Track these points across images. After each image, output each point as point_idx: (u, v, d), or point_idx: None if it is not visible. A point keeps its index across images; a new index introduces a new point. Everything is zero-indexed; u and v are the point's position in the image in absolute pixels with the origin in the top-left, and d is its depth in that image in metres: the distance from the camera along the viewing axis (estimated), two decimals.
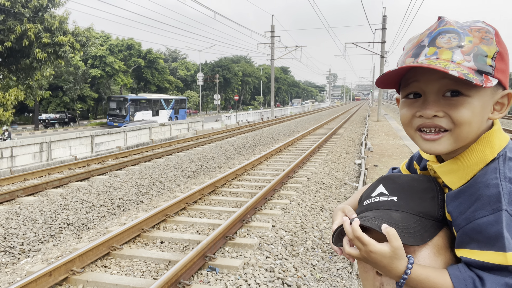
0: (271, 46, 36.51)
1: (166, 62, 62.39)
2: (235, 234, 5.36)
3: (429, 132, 0.81)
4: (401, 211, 0.84)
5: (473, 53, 0.76)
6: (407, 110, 0.84)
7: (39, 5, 17.13)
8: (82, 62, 39.34)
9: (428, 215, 0.84)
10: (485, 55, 0.76)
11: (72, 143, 15.85)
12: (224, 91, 66.80)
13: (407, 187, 0.88)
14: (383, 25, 32.18)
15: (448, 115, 0.78)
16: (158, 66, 50.19)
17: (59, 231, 6.01)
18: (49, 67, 18.50)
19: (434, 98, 0.79)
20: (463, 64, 0.76)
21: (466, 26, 0.80)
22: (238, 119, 33.81)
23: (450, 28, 0.79)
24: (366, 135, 18.05)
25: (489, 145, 0.79)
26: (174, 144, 16.44)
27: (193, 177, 10.03)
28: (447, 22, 0.81)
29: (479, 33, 0.78)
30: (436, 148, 0.81)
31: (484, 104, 0.78)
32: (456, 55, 0.77)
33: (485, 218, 0.71)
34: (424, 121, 0.80)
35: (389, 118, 34.32)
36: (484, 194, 0.73)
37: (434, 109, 0.79)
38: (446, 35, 0.79)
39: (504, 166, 0.76)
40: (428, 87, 0.79)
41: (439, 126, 0.79)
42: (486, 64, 0.76)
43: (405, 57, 0.85)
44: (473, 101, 0.77)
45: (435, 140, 0.80)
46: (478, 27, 0.79)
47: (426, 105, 0.80)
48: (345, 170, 10.19)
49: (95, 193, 7.87)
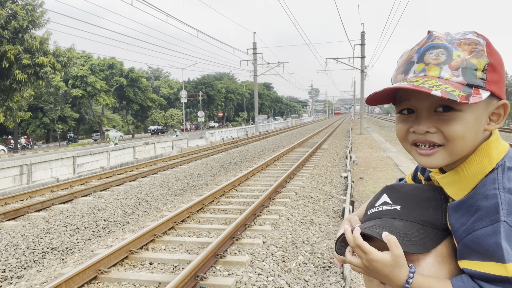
0: (253, 63, 36.92)
1: (148, 81, 62.21)
2: (226, 252, 5.29)
3: (423, 147, 0.81)
4: (404, 219, 0.84)
5: (462, 67, 0.76)
6: (401, 125, 0.84)
7: (19, 27, 16.96)
8: (63, 82, 38.88)
9: (431, 224, 0.84)
10: (474, 68, 0.76)
11: (53, 165, 15.47)
12: (208, 108, 66.87)
13: (410, 196, 0.88)
14: (362, 40, 33.03)
15: (440, 131, 0.78)
16: (140, 85, 50.02)
17: (43, 256, 5.80)
18: (29, 88, 18.20)
19: (426, 114, 0.79)
20: (451, 80, 0.76)
21: (455, 40, 0.79)
22: (223, 136, 33.78)
23: (439, 43, 0.79)
24: (350, 148, 18.26)
25: (487, 156, 0.79)
26: (159, 162, 16.25)
27: (180, 195, 9.90)
28: (436, 36, 0.81)
29: (469, 46, 0.77)
30: (431, 163, 0.81)
31: (478, 117, 0.77)
32: (444, 71, 0.77)
33: (483, 230, 0.71)
34: (417, 137, 0.81)
35: (372, 131, 34.88)
36: (483, 205, 0.73)
37: (426, 125, 0.79)
38: (434, 51, 0.79)
39: (503, 176, 0.75)
40: (419, 104, 0.80)
41: (432, 142, 0.79)
42: (476, 78, 0.76)
43: (396, 73, 0.86)
44: (465, 115, 0.76)
45: (429, 155, 0.80)
46: (468, 40, 0.78)
47: (418, 121, 0.80)
48: (332, 184, 10.24)
49: (79, 215, 7.67)
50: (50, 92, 36.81)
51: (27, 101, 22.60)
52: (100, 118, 46.09)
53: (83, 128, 50.03)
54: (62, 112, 40.02)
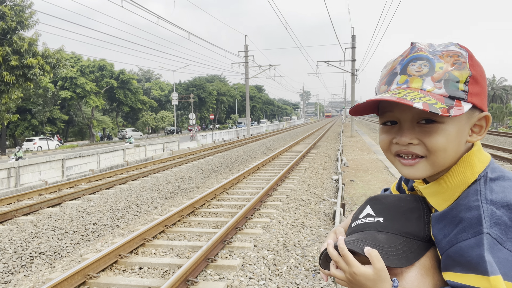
0: (245, 65, 36.96)
1: (139, 83, 61.85)
2: (216, 255, 5.26)
3: (406, 158, 0.81)
4: (387, 232, 0.84)
5: (444, 79, 0.76)
6: (385, 136, 0.85)
7: (7, 28, 16.73)
8: (52, 84, 38.44)
9: (414, 235, 0.83)
10: (456, 80, 0.76)
11: (41, 168, 15.26)
12: (199, 110, 66.68)
13: (393, 207, 0.88)
14: (353, 44, 33.30)
15: (423, 143, 0.78)
16: (131, 87, 49.68)
17: (30, 261, 5.70)
18: (17, 90, 17.95)
19: (408, 126, 0.79)
20: (433, 92, 0.76)
21: (438, 51, 0.79)
22: (214, 138, 33.70)
23: (421, 55, 0.79)
24: (341, 150, 18.35)
25: (469, 167, 0.79)
26: (150, 165, 16.13)
27: (171, 198, 9.83)
28: (418, 48, 0.81)
29: (451, 58, 0.77)
30: (414, 174, 0.81)
31: (460, 129, 0.78)
32: (426, 83, 0.77)
33: (467, 241, 0.71)
34: (400, 148, 0.81)
35: (362, 133, 35.13)
36: (466, 217, 0.73)
37: (408, 136, 0.79)
38: (417, 62, 0.79)
39: (485, 187, 0.75)
40: (402, 116, 0.80)
41: (415, 153, 0.79)
42: (458, 90, 0.76)
43: (380, 83, 0.85)
44: (448, 128, 0.77)
45: (412, 166, 0.80)
46: (450, 51, 0.78)
47: (401, 132, 0.80)
48: (323, 186, 10.27)
49: (67, 219, 7.56)
50: (39, 93, 36.35)
51: (15, 102, 22.29)
52: (89, 120, 45.63)
53: (72, 130, 49.46)
54: (51, 114, 39.56)
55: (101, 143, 42.23)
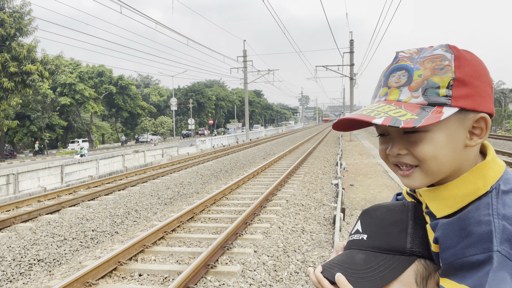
0: (244, 70, 37.06)
1: (138, 88, 61.91)
2: (216, 262, 5.23)
3: (402, 168, 0.80)
4: (367, 250, 0.83)
5: (422, 87, 0.74)
6: (381, 147, 0.84)
7: (6, 34, 16.77)
8: (51, 90, 38.47)
9: (395, 250, 0.81)
10: (437, 86, 0.73)
11: (40, 174, 15.22)
12: (198, 115, 66.73)
13: (379, 221, 0.86)
14: (351, 48, 33.43)
15: (411, 152, 0.77)
16: (130, 92, 49.74)
17: (29, 268, 5.67)
18: (16, 96, 17.95)
19: (396, 137, 0.79)
20: (410, 102, 0.74)
21: (420, 59, 0.76)
22: (213, 143, 33.69)
23: (401, 64, 0.77)
24: (340, 155, 18.35)
25: (481, 177, 0.75)
26: (149, 170, 16.11)
27: (170, 204, 9.80)
28: (400, 58, 0.79)
29: (433, 63, 0.74)
30: (411, 183, 0.80)
31: (451, 134, 0.74)
32: (403, 93, 0.75)
33: (475, 257, 0.68)
34: (393, 159, 0.81)
35: (361, 137, 35.15)
36: (476, 231, 0.70)
37: (397, 147, 0.78)
38: (396, 73, 0.77)
39: (498, 201, 0.71)
40: (388, 128, 0.79)
41: (405, 163, 0.79)
42: (439, 96, 0.73)
43: (373, 94, 0.86)
44: (434, 135, 0.74)
45: (408, 176, 0.79)
46: (433, 56, 0.75)
47: (392, 143, 0.80)
48: (322, 191, 10.26)
49: (66, 225, 7.53)
50: (38, 100, 36.36)
51: (14, 109, 22.29)
52: (88, 126, 45.62)
53: (71, 136, 49.38)
54: (50, 120, 39.54)
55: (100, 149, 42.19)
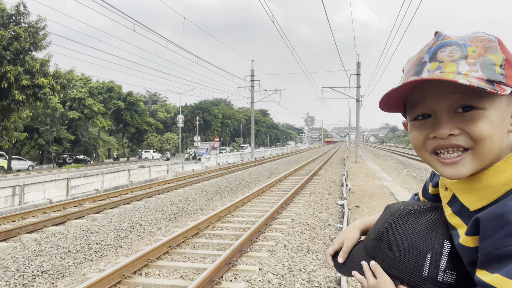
0: (251, 90, 37.41)
1: (146, 105, 62.63)
2: (221, 278, 5.18)
3: (447, 155, 0.73)
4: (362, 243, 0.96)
5: (479, 62, 0.70)
6: (417, 132, 0.77)
7: (21, 48, 17.19)
8: (61, 104, 39.01)
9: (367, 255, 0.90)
10: (492, 63, 0.70)
11: (46, 186, 15.29)
12: (204, 133, 67.06)
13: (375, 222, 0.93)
14: (358, 71, 33.71)
15: (465, 132, 0.71)
16: (138, 108, 50.27)
17: (32, 279, 5.64)
18: (27, 109, 18.25)
19: (446, 116, 0.72)
20: (470, 74, 0.69)
21: (466, 38, 0.74)
22: (218, 161, 33.73)
23: (450, 41, 0.74)
24: (346, 176, 18.27)
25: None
26: (154, 186, 16.12)
27: (175, 219, 9.77)
28: (445, 36, 0.76)
29: (482, 43, 0.72)
30: (459, 172, 0.72)
31: (502, 115, 0.71)
32: (462, 66, 0.70)
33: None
34: (439, 142, 0.73)
35: (367, 159, 35.02)
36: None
37: (448, 127, 0.72)
38: (447, 48, 0.73)
39: None
40: (437, 106, 0.73)
41: (457, 146, 0.72)
42: (495, 73, 0.70)
43: (406, 77, 0.78)
44: (489, 113, 0.70)
45: (457, 163, 0.72)
46: (479, 37, 0.74)
47: (438, 124, 0.73)
48: (328, 211, 10.18)
49: (71, 238, 7.52)
50: (47, 113, 36.86)
51: (24, 121, 22.61)
52: (96, 141, 45.99)
53: (78, 150, 49.74)
54: (58, 134, 39.93)
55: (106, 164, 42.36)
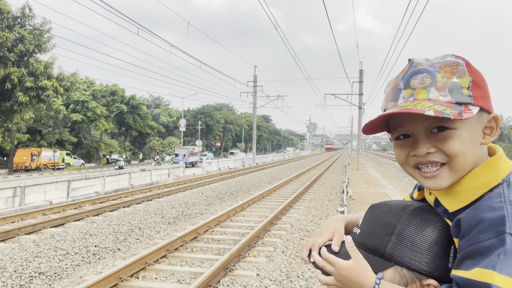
0: (253, 95, 37.50)
1: (149, 108, 62.85)
2: (218, 283, 5.16)
3: (427, 169, 0.82)
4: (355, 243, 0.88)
5: (448, 87, 0.78)
6: (400, 150, 0.86)
7: (25, 50, 17.31)
8: (64, 106, 39.17)
9: (375, 252, 0.84)
10: (460, 87, 0.78)
11: (47, 188, 15.32)
12: (206, 137, 67.15)
13: (374, 219, 0.89)
14: (360, 78, 33.76)
15: (440, 150, 0.79)
16: (140, 112, 50.42)
17: (30, 281, 5.63)
18: (30, 111, 18.33)
19: (423, 137, 0.81)
20: (439, 100, 0.78)
21: (436, 63, 0.82)
22: (219, 166, 33.73)
23: (421, 68, 0.82)
24: (347, 183, 18.21)
25: (494, 170, 0.79)
26: (155, 189, 16.11)
27: (174, 223, 9.75)
28: (417, 63, 0.83)
29: (450, 67, 0.80)
30: (439, 184, 0.81)
31: (473, 132, 0.80)
32: (432, 93, 0.79)
33: (489, 241, 0.70)
34: (418, 159, 0.82)
35: (368, 167, 34.93)
36: (488, 217, 0.72)
37: (425, 146, 0.80)
38: (418, 76, 0.81)
39: (509, 191, 0.76)
40: (414, 128, 0.82)
41: (435, 162, 0.80)
42: (463, 95, 0.78)
43: (386, 101, 0.88)
44: (461, 132, 0.78)
45: (436, 176, 0.81)
46: (448, 62, 0.81)
47: (416, 144, 0.81)
48: (328, 218, 10.14)
49: (70, 240, 7.51)
50: (50, 115, 36.97)
51: (26, 123, 22.70)
52: (98, 143, 46.09)
53: (80, 153, 49.84)
54: (60, 136, 40.04)
55: (107, 166, 42.42)
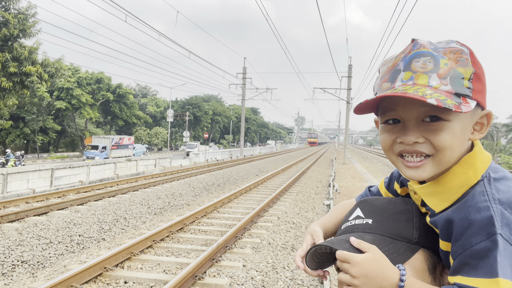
0: (242, 87, 37.34)
1: (135, 98, 62.02)
2: (204, 273, 5.16)
3: (411, 159, 0.78)
4: (374, 233, 0.83)
5: (450, 76, 0.74)
6: (387, 135, 0.81)
7: (9, 35, 16.82)
8: (48, 93, 38.33)
9: (402, 237, 0.82)
10: (461, 77, 0.74)
11: (30, 176, 15.02)
12: (193, 128, 66.74)
13: (382, 209, 0.87)
14: (349, 73, 33.91)
15: (429, 141, 0.76)
16: (127, 101, 49.73)
17: (12, 269, 5.53)
18: (13, 97, 17.87)
19: (413, 124, 0.77)
20: (440, 88, 0.74)
21: (440, 48, 0.77)
22: (207, 157, 33.60)
23: (425, 51, 0.77)
24: (333, 177, 18.38)
25: (471, 168, 0.77)
26: (141, 179, 15.97)
27: (160, 214, 9.70)
28: (421, 44, 0.78)
29: (454, 55, 0.76)
30: (420, 175, 0.78)
31: (464, 126, 0.76)
32: (433, 79, 0.74)
33: (482, 244, 0.68)
34: (405, 147, 0.78)
35: (355, 161, 35.29)
36: (476, 219, 0.70)
37: (414, 135, 0.76)
38: (421, 59, 0.76)
39: (491, 187, 0.73)
40: (406, 114, 0.78)
41: (420, 152, 0.77)
42: (463, 87, 0.74)
43: (381, 81, 0.82)
44: (453, 125, 0.75)
45: (418, 167, 0.77)
46: (453, 48, 0.77)
47: (406, 131, 0.78)
48: (314, 210, 10.23)
49: (53, 228, 7.40)
50: (34, 102, 36.17)
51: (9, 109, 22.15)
52: (82, 132, 45.36)
53: (64, 141, 48.97)
54: (44, 124, 39.23)
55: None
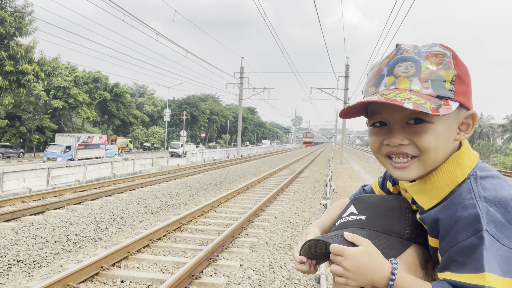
0: (239, 87, 37.32)
1: (133, 97, 61.87)
2: (201, 273, 5.16)
3: (398, 160, 0.81)
4: (368, 229, 0.85)
5: (431, 79, 0.76)
6: (374, 138, 0.85)
7: (5, 33, 16.73)
8: (44, 92, 38.18)
9: (394, 232, 0.85)
10: (443, 80, 0.77)
11: (26, 175, 14.95)
12: (191, 128, 66.67)
13: (375, 206, 0.90)
14: (346, 73, 33.98)
15: (413, 142, 0.78)
16: (124, 100, 49.64)
17: (8, 268, 5.51)
18: (9, 95, 17.78)
19: (398, 127, 0.80)
20: (421, 92, 0.76)
21: (423, 52, 0.80)
22: (204, 157, 33.57)
23: (407, 56, 0.80)
24: (330, 176, 18.42)
25: (459, 166, 0.80)
26: (138, 179, 15.94)
27: (157, 213, 9.68)
28: (404, 49, 0.81)
29: (436, 58, 0.78)
30: (407, 175, 0.81)
31: (448, 127, 0.79)
32: (414, 84, 0.77)
33: (468, 240, 0.71)
34: (391, 149, 0.81)
35: (352, 161, 35.37)
36: (463, 216, 0.73)
37: (399, 137, 0.79)
38: (403, 64, 0.79)
39: (477, 185, 0.76)
40: (391, 117, 0.81)
41: (406, 153, 0.80)
42: (445, 89, 0.77)
43: (367, 85, 0.86)
44: (437, 127, 0.77)
45: (405, 168, 0.81)
46: (435, 52, 0.79)
47: (391, 134, 0.81)
48: (311, 210, 10.25)
49: (50, 228, 7.37)
50: (30, 101, 36.01)
51: (5, 108, 22.03)
52: (79, 131, 45.22)
53: None
54: (41, 123, 39.07)
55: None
